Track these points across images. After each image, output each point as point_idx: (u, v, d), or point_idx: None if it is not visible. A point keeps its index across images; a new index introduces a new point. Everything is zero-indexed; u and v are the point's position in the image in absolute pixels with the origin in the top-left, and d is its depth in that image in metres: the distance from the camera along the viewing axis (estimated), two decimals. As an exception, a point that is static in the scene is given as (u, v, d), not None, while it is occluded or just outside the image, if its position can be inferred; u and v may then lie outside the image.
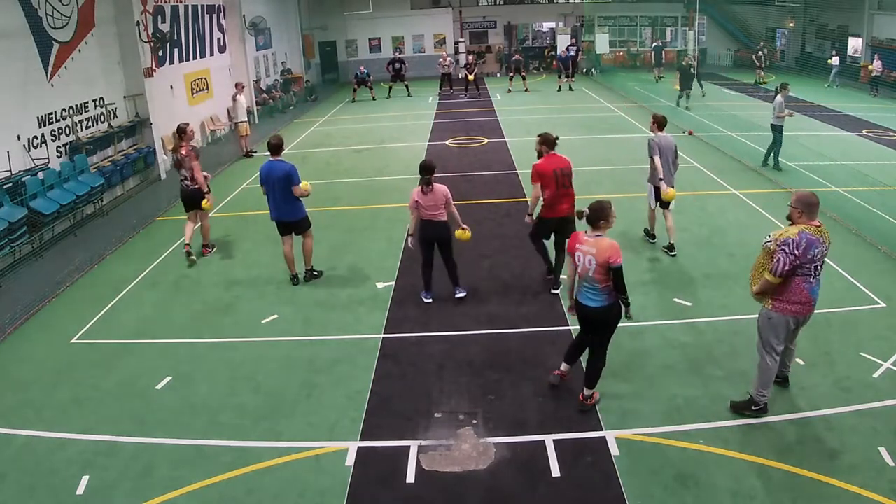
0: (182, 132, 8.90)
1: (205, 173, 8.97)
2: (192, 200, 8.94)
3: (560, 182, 7.20)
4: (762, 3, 28.64)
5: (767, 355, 5.25)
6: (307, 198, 7.93)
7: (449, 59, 24.61)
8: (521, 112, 19.90)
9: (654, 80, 25.26)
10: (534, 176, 7.27)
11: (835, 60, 24.12)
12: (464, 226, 7.29)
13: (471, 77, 23.32)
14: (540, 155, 7.38)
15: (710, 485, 4.62)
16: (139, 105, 13.44)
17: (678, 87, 19.64)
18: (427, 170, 7.07)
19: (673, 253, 8.59)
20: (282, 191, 7.68)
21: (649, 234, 9.12)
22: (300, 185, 7.74)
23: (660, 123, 8.48)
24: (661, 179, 8.30)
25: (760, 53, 25.13)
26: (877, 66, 22.22)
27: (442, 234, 7.28)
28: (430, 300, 7.59)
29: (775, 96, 12.58)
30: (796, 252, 4.90)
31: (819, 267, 5.06)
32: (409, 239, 7.41)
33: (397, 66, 23.81)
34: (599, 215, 5.16)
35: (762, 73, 24.73)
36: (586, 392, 5.51)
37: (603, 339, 5.38)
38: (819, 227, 5.04)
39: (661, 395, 5.61)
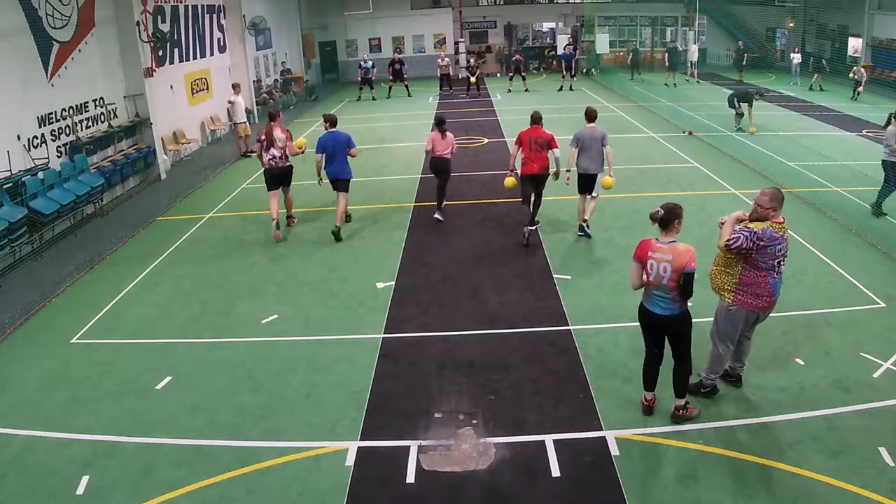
0: (275, 116, 9.87)
1: (298, 146, 9.90)
2: (282, 178, 9.87)
3: (532, 147, 8.99)
4: (762, 3, 28.64)
5: (721, 344, 5.35)
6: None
7: (447, 59, 24.62)
8: (521, 112, 19.85)
9: (665, 85, 24.21)
10: (516, 140, 9.26)
11: (796, 58, 24.07)
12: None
13: (473, 79, 23.34)
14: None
15: (710, 485, 4.62)
16: (139, 105, 13.43)
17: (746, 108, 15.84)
18: (442, 121, 9.95)
19: (581, 234, 9.34)
20: (341, 153, 9.44)
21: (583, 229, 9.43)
22: (354, 148, 9.60)
23: (589, 116, 9.22)
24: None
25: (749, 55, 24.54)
26: (858, 71, 20.76)
27: (446, 167, 10.13)
28: (442, 219, 10.23)
29: (886, 125, 10.44)
30: (755, 241, 4.96)
31: (782, 262, 5.11)
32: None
33: (397, 66, 23.81)
34: (674, 216, 4.95)
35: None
36: (679, 402, 5.28)
37: (685, 346, 5.19)
38: (782, 223, 5.08)
39: (662, 395, 5.60)
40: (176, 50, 15.74)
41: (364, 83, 23.34)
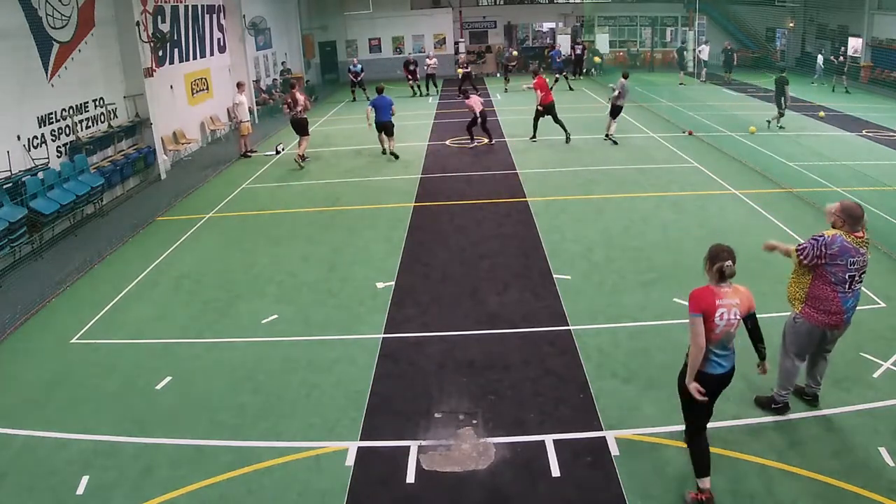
0: (294, 84, 15.26)
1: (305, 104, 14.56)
2: (299, 126, 14.27)
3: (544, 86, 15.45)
4: (762, 3, 28.63)
5: (787, 358, 5.23)
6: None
7: (434, 59, 24.79)
8: (521, 112, 19.87)
9: (677, 85, 24.29)
10: (535, 86, 15.42)
11: (820, 58, 24.28)
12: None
13: (467, 68, 23.31)
14: None
15: (711, 485, 4.61)
16: (139, 105, 13.43)
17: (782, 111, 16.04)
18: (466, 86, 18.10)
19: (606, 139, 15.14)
20: (387, 109, 14.24)
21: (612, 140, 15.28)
22: (393, 105, 14.42)
23: (624, 76, 15.52)
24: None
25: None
26: None
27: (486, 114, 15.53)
28: (476, 144, 15.43)
29: None
30: (824, 249, 4.87)
31: (855, 278, 4.94)
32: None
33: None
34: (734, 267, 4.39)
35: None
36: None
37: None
38: (861, 237, 4.91)
39: (661, 395, 5.60)
40: (176, 50, 15.73)
41: (355, 85, 23.44)
